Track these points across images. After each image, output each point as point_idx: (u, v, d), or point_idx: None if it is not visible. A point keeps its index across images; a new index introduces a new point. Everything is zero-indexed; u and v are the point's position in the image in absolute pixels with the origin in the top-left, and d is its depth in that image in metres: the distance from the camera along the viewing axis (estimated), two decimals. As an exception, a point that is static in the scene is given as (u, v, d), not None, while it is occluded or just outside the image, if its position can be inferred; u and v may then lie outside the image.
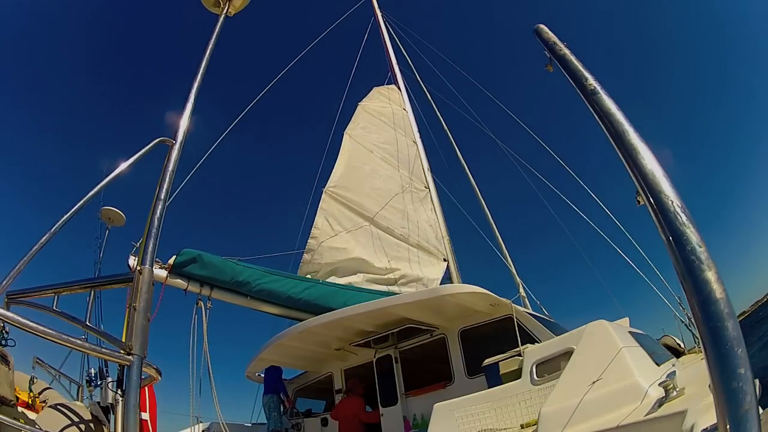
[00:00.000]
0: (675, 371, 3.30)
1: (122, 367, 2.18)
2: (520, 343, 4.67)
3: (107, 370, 6.55)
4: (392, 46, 13.86)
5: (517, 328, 5.05)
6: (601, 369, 3.17)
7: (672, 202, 1.28)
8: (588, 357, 3.41)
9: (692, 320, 4.18)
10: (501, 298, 5.66)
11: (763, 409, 2.11)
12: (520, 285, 9.47)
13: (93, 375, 7.51)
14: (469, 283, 5.90)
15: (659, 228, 1.29)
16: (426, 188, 9.88)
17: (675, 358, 5.36)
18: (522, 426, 3.54)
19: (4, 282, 2.26)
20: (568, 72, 1.82)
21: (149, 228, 2.65)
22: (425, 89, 12.61)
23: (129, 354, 2.16)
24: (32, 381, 4.74)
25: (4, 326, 2.68)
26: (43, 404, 4.24)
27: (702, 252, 1.19)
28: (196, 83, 3.40)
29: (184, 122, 3.16)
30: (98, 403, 3.49)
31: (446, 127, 12.12)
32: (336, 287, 6.95)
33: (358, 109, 11.55)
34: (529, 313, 5.90)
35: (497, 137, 11.55)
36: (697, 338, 4.95)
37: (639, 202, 1.41)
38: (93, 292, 6.65)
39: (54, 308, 2.64)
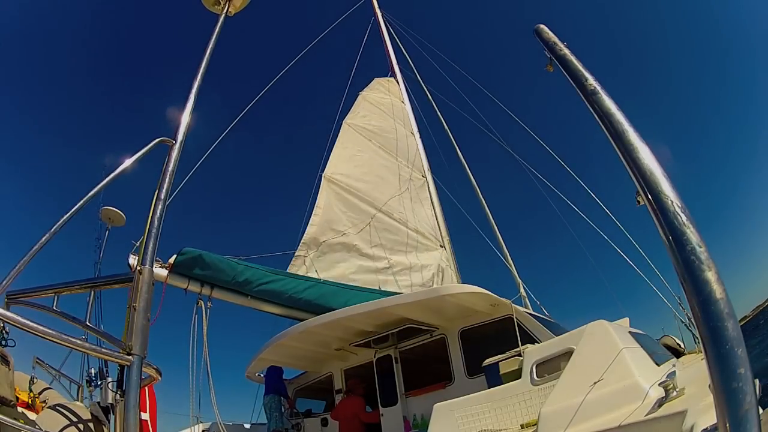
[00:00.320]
0: (675, 371, 3.30)
1: (122, 367, 2.18)
2: (520, 343, 4.67)
3: (107, 370, 6.56)
4: (392, 46, 13.89)
5: (517, 328, 5.05)
6: (602, 369, 3.17)
7: (672, 202, 1.28)
8: (588, 357, 3.40)
9: (692, 320, 4.18)
10: (501, 298, 5.66)
11: (763, 409, 2.11)
12: (520, 285, 9.49)
13: (93, 375, 7.52)
14: (469, 283, 5.90)
15: (659, 228, 1.29)
16: (423, 177, 10.04)
17: (675, 358, 5.35)
18: (522, 426, 3.54)
19: (4, 282, 2.25)
20: (568, 72, 1.81)
21: (149, 228, 2.65)
22: (425, 89, 12.63)
23: (129, 354, 2.16)
24: (32, 381, 4.74)
25: (4, 326, 2.68)
26: (43, 404, 4.24)
27: (702, 252, 1.19)
28: (197, 83, 3.40)
29: (185, 122, 3.16)
30: (98, 403, 3.49)
31: (446, 127, 12.15)
32: (337, 287, 6.95)
33: (359, 99, 11.67)
34: (529, 313, 5.90)
35: (497, 137, 11.57)
36: (697, 338, 4.94)
37: (639, 202, 1.40)
38: (93, 292, 6.63)
39: (54, 308, 2.64)
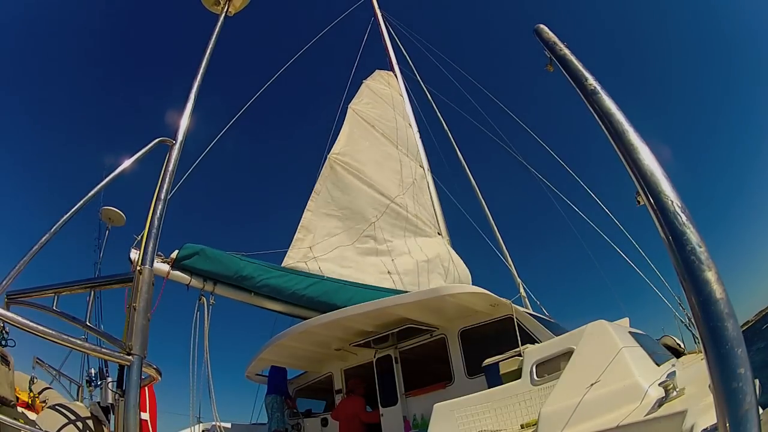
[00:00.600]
0: (675, 371, 3.30)
1: (122, 367, 2.18)
2: (520, 343, 4.66)
3: (107, 370, 6.56)
4: (392, 46, 13.89)
5: (517, 328, 5.04)
6: (601, 369, 3.17)
7: (672, 202, 1.28)
8: (588, 357, 3.40)
9: (692, 320, 4.18)
10: (501, 298, 5.65)
11: (763, 409, 2.11)
12: (520, 285, 9.48)
13: (93, 375, 7.52)
14: (469, 283, 5.90)
15: (659, 228, 1.29)
16: (421, 167, 10.26)
17: (675, 358, 5.36)
18: (522, 426, 3.54)
19: (4, 282, 2.25)
20: (568, 72, 1.81)
21: (149, 228, 2.65)
22: (425, 89, 12.64)
23: (129, 354, 2.16)
24: (32, 381, 4.74)
25: (4, 326, 2.68)
26: (43, 404, 4.24)
27: (702, 252, 1.19)
28: (197, 83, 3.40)
29: (184, 122, 3.16)
30: (98, 403, 3.49)
31: (446, 128, 12.16)
32: (340, 283, 6.94)
33: (363, 87, 11.78)
34: (529, 313, 5.90)
35: (497, 137, 11.58)
36: (697, 338, 4.94)
37: (639, 202, 1.41)
38: (93, 292, 6.63)
39: (54, 308, 2.63)
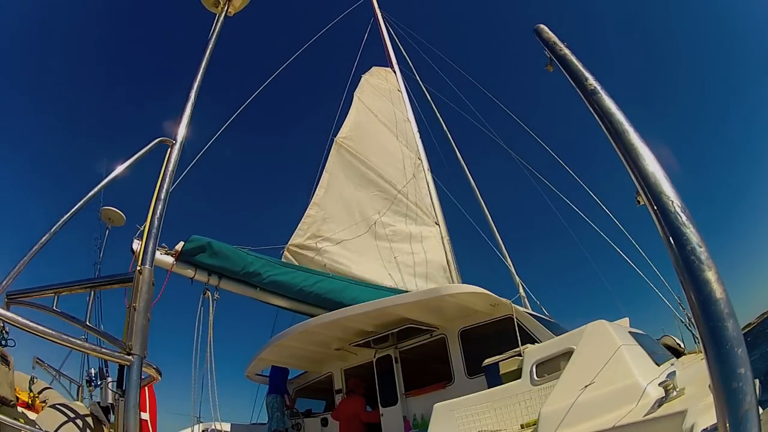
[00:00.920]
0: (675, 371, 3.30)
1: (122, 367, 2.18)
2: (520, 343, 4.66)
3: (107, 370, 6.56)
4: (392, 46, 13.89)
5: (517, 328, 5.04)
6: (602, 369, 3.17)
7: (672, 202, 1.28)
8: (588, 357, 3.41)
9: (692, 320, 4.18)
10: (501, 298, 5.65)
11: (763, 409, 2.11)
12: (520, 285, 9.48)
13: (93, 375, 7.53)
14: (469, 283, 5.89)
15: (659, 228, 1.29)
16: (419, 159, 10.41)
17: (675, 358, 5.36)
18: (522, 426, 3.54)
19: (4, 282, 2.25)
20: (568, 72, 1.81)
21: (149, 228, 2.65)
22: (424, 89, 12.64)
23: (129, 354, 2.16)
24: (32, 381, 4.73)
25: (4, 326, 2.68)
26: (43, 404, 4.23)
27: (702, 252, 1.19)
28: (196, 83, 3.39)
29: (184, 122, 3.15)
30: (98, 403, 3.49)
31: (445, 128, 12.15)
32: (346, 282, 6.96)
33: (362, 81, 11.89)
34: (529, 313, 5.90)
35: (497, 137, 11.58)
36: (697, 338, 4.95)
37: (639, 202, 1.40)
38: (93, 292, 6.63)
39: (54, 308, 2.63)
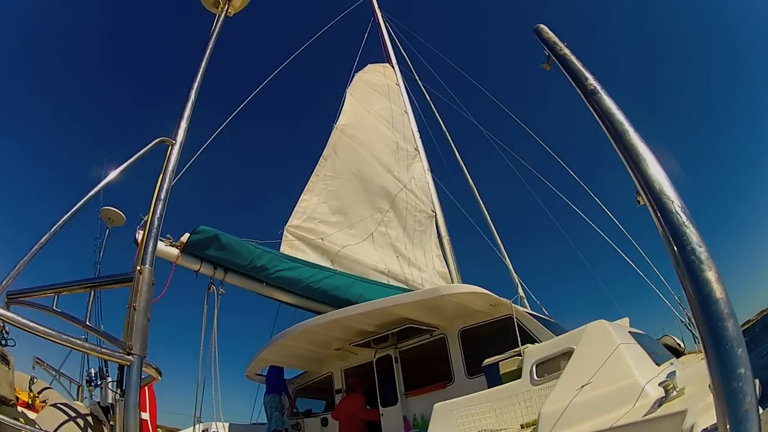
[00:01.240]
0: (675, 371, 3.30)
1: (122, 367, 2.18)
2: (520, 343, 4.66)
3: (107, 370, 6.56)
4: (392, 47, 13.89)
5: (517, 328, 5.04)
6: (601, 369, 3.17)
7: (672, 202, 1.28)
8: (588, 357, 3.40)
9: (692, 320, 4.18)
10: (501, 298, 5.65)
11: (763, 409, 2.11)
12: (520, 285, 9.49)
13: (93, 375, 7.52)
14: (469, 283, 5.89)
15: (659, 228, 1.29)
16: (415, 149, 10.58)
17: (675, 358, 5.36)
18: (522, 426, 3.54)
19: (4, 282, 2.25)
20: (569, 72, 1.81)
21: (149, 228, 2.64)
22: (424, 89, 12.64)
23: (129, 354, 2.15)
24: (32, 381, 4.74)
25: (4, 326, 2.68)
26: (43, 404, 4.23)
27: (702, 252, 1.19)
28: (196, 83, 3.39)
29: (184, 122, 3.15)
30: (98, 403, 3.49)
31: (445, 128, 12.17)
32: (352, 278, 6.95)
33: (355, 79, 11.95)
34: (529, 313, 5.90)
35: (497, 137, 11.60)
36: (697, 338, 4.94)
37: (639, 202, 1.40)
38: (93, 292, 6.63)
39: (54, 308, 2.63)
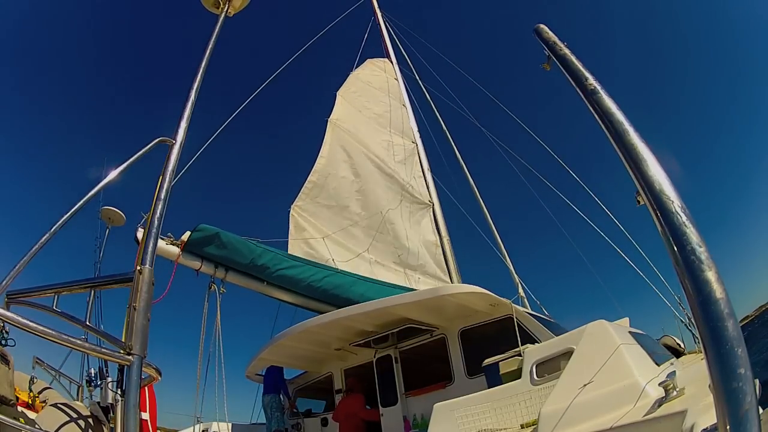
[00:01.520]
0: (675, 371, 3.30)
1: (122, 367, 2.17)
2: (520, 343, 4.66)
3: (107, 370, 6.56)
4: (392, 47, 13.89)
5: (517, 328, 5.04)
6: (601, 369, 3.17)
7: (672, 202, 1.28)
8: (588, 357, 3.40)
9: (692, 320, 4.18)
10: (501, 298, 5.65)
11: (763, 409, 2.11)
12: (520, 285, 9.49)
13: (93, 375, 7.52)
14: (469, 283, 5.89)
15: (659, 228, 1.29)
16: (413, 142, 10.62)
17: (675, 358, 5.36)
18: (522, 426, 3.54)
19: (4, 282, 2.25)
20: (569, 72, 1.82)
21: (149, 228, 2.64)
22: (424, 89, 12.63)
23: (129, 354, 2.15)
24: (32, 381, 4.74)
25: (4, 326, 2.68)
26: (43, 404, 4.23)
27: (702, 252, 1.19)
28: (196, 83, 3.39)
29: (184, 122, 3.15)
30: (98, 403, 3.49)
31: (445, 128, 12.16)
32: (354, 277, 6.95)
33: (350, 77, 12.00)
34: (529, 313, 5.90)
35: (497, 137, 11.60)
36: (697, 338, 4.95)
37: (639, 202, 1.40)
38: (93, 292, 6.63)
39: (54, 308, 2.63)
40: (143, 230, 2.59)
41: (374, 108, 11.24)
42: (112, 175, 2.76)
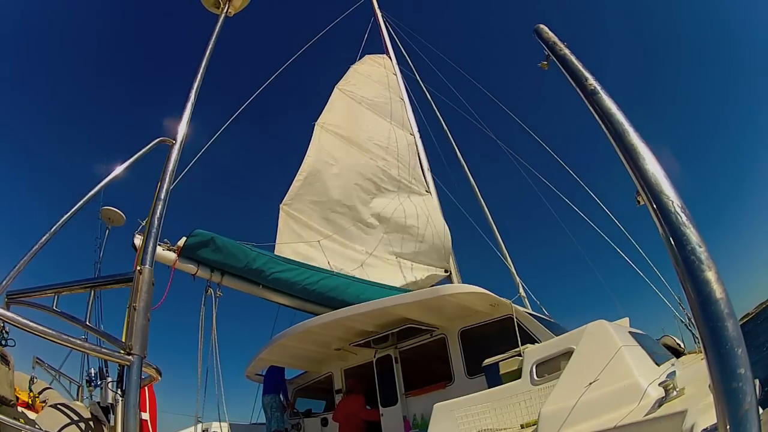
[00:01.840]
0: (675, 371, 3.30)
1: (122, 367, 2.17)
2: (520, 343, 4.66)
3: (107, 370, 6.55)
4: (392, 46, 13.90)
5: (517, 328, 5.04)
6: (601, 369, 3.17)
7: (672, 202, 1.28)
8: (588, 357, 3.41)
9: (692, 320, 4.18)
10: (501, 298, 5.65)
11: (763, 409, 2.11)
12: (520, 285, 9.48)
13: (93, 375, 7.51)
14: (469, 283, 5.89)
15: (659, 228, 1.29)
16: (411, 135, 10.65)
17: (675, 358, 5.36)
18: (522, 426, 3.54)
19: (4, 282, 2.25)
20: (569, 72, 1.82)
21: (149, 228, 2.64)
22: (424, 89, 12.64)
23: (129, 354, 2.15)
24: (32, 381, 4.73)
25: (4, 326, 2.68)
26: (43, 404, 4.23)
27: (702, 252, 1.19)
28: (196, 83, 3.39)
29: (184, 122, 3.15)
30: (98, 403, 3.48)
31: (446, 127, 12.16)
32: (350, 279, 6.95)
33: (350, 71, 11.96)
34: (529, 313, 5.90)
35: (498, 137, 11.61)
36: (697, 338, 4.95)
37: (639, 202, 1.41)
38: (93, 292, 6.62)
39: (54, 308, 2.63)
40: (141, 237, 2.60)
41: (374, 99, 11.19)
42: (112, 175, 2.76)
